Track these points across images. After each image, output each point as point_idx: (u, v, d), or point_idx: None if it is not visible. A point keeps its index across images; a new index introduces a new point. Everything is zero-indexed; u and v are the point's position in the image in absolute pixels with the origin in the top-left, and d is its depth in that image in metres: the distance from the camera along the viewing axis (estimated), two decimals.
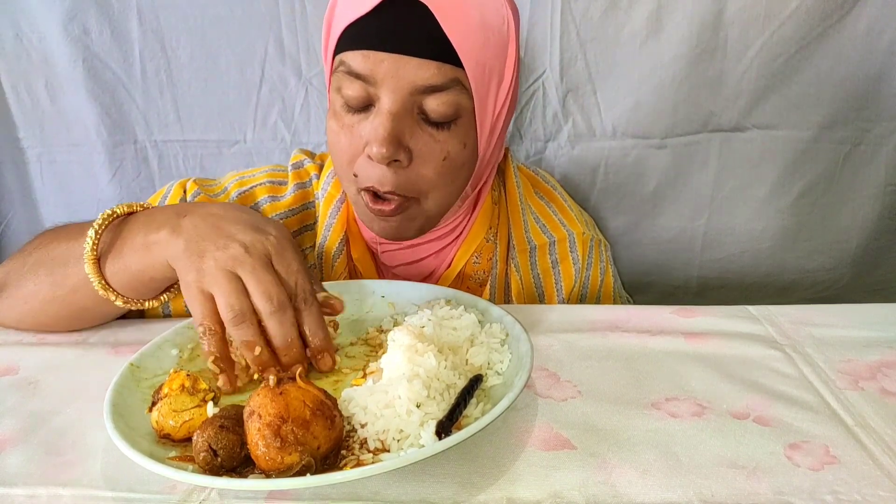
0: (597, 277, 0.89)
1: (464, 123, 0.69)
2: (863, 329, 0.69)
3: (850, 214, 1.21)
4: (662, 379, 0.61)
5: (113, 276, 0.65)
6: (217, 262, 0.58)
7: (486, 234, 0.84)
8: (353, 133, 0.69)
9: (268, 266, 0.59)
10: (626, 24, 1.09)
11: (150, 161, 1.25)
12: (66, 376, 0.65)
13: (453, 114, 0.67)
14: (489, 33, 0.67)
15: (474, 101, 0.68)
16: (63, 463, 0.52)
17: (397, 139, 0.66)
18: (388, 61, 0.65)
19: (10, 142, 1.24)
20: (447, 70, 0.65)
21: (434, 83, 0.65)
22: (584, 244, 0.86)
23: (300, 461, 0.46)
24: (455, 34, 0.64)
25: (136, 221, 0.66)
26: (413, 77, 0.65)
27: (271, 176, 0.86)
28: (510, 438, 0.53)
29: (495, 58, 0.69)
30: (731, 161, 1.17)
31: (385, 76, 0.65)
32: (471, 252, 0.83)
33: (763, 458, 0.50)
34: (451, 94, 0.66)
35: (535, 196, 0.90)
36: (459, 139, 0.69)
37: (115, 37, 1.16)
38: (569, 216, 0.89)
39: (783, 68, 1.09)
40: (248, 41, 1.15)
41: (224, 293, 0.57)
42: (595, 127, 1.16)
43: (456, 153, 0.69)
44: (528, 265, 0.85)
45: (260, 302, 0.57)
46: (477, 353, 0.59)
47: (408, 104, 0.66)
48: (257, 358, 0.58)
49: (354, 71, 0.66)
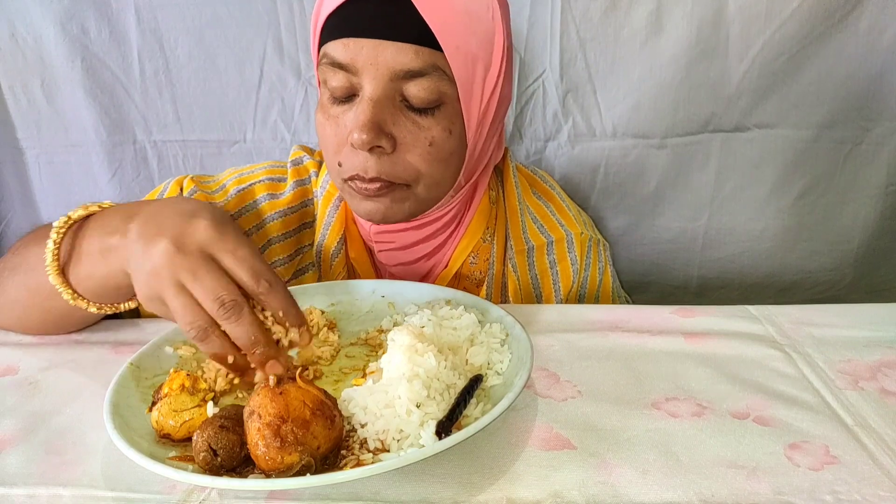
0: (595, 278, 0.88)
1: (448, 110, 0.69)
2: (863, 329, 0.69)
3: (851, 214, 1.20)
4: (662, 379, 0.61)
5: (79, 285, 0.62)
6: (156, 271, 0.53)
7: (484, 234, 0.84)
8: (339, 123, 0.69)
9: (208, 262, 0.53)
10: (626, 24, 1.09)
11: (150, 161, 1.25)
12: (66, 376, 0.65)
13: (436, 99, 0.67)
14: (472, 20, 0.68)
15: (457, 87, 0.68)
16: (63, 463, 0.52)
17: (378, 125, 0.66)
18: (367, 48, 0.65)
19: (9, 142, 1.24)
20: (426, 54, 0.65)
21: (412, 67, 0.65)
22: (582, 244, 0.86)
23: (300, 461, 0.46)
24: (433, 18, 0.64)
25: (92, 227, 0.62)
26: (392, 62, 0.65)
27: (270, 173, 0.85)
28: (510, 438, 0.53)
29: (480, 45, 0.68)
30: (732, 161, 1.17)
31: (365, 63, 0.66)
32: (468, 252, 0.83)
33: (763, 458, 0.50)
34: (431, 80, 0.66)
35: (533, 196, 0.89)
36: (444, 126, 0.69)
37: (114, 36, 1.16)
38: (567, 216, 0.88)
39: (784, 68, 1.09)
40: (247, 41, 1.15)
41: (176, 311, 0.53)
42: (595, 127, 1.16)
43: (441, 140, 0.69)
44: (526, 266, 0.84)
45: (211, 308, 0.52)
46: (477, 353, 0.59)
47: (388, 90, 0.66)
48: (232, 366, 0.55)
49: (337, 61, 0.67)
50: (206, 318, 0.53)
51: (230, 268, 0.54)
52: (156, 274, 0.53)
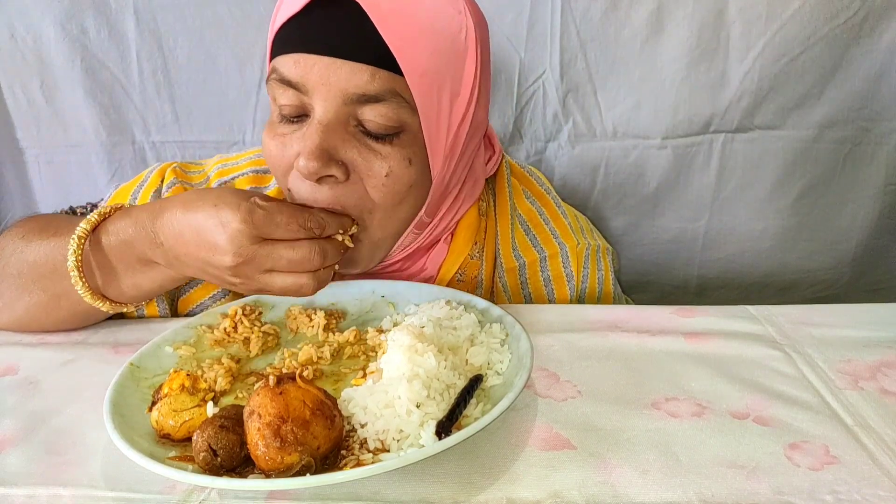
0: (594, 286, 0.83)
1: (408, 139, 0.62)
2: (863, 329, 0.69)
3: (851, 214, 1.20)
4: (662, 379, 0.61)
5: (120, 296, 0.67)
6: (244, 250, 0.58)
7: (471, 250, 0.79)
8: (286, 143, 0.63)
9: (264, 245, 0.59)
10: (626, 24, 1.09)
11: (149, 161, 1.25)
12: (66, 376, 0.65)
13: (395, 127, 0.61)
14: (439, 40, 0.61)
15: (419, 115, 0.61)
16: (63, 463, 0.52)
17: (327, 153, 0.60)
18: (318, 66, 0.59)
19: (8, 142, 1.24)
20: (384, 78, 0.59)
21: (368, 92, 0.59)
22: (578, 257, 0.80)
23: (300, 461, 0.46)
24: (394, 38, 0.58)
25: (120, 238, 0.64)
26: (345, 84, 0.59)
27: (256, 164, 0.82)
28: (510, 438, 0.53)
29: (447, 68, 0.62)
30: (732, 161, 1.17)
31: (316, 83, 0.59)
32: (454, 270, 0.78)
33: (763, 458, 0.50)
34: (389, 107, 0.60)
35: (525, 202, 0.84)
36: (403, 155, 0.62)
37: (113, 37, 1.16)
38: (561, 225, 0.83)
39: (785, 69, 1.09)
40: (247, 41, 1.15)
41: (289, 256, 0.59)
42: (595, 127, 1.16)
43: (400, 170, 0.62)
44: (518, 284, 0.80)
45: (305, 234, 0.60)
46: (477, 353, 0.59)
47: (341, 114, 0.60)
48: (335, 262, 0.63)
49: (286, 78, 0.61)
50: (310, 244, 0.60)
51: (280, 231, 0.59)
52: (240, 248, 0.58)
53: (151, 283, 0.67)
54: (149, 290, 0.68)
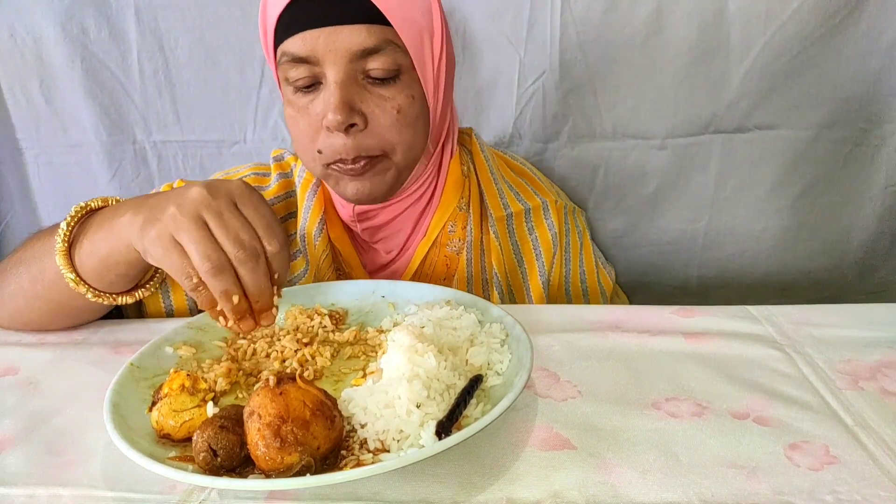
0: (576, 242, 0.92)
1: (407, 78, 0.73)
2: (863, 329, 0.69)
3: (851, 215, 1.20)
4: (662, 379, 0.61)
5: (82, 265, 0.66)
6: (180, 209, 0.58)
7: (458, 202, 0.86)
8: (309, 112, 0.72)
9: (233, 209, 0.59)
10: (626, 24, 1.09)
11: (150, 162, 1.25)
12: (66, 376, 0.65)
13: (394, 70, 0.71)
14: None
15: (411, 56, 0.72)
16: (63, 463, 0.52)
17: (349, 105, 0.69)
18: (323, 36, 0.68)
19: (8, 142, 1.24)
20: (378, 31, 0.69)
21: (367, 45, 0.69)
22: (558, 211, 0.89)
23: (300, 461, 0.46)
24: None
25: (105, 211, 0.68)
26: (348, 44, 0.68)
27: (255, 168, 0.90)
28: (510, 438, 0.53)
29: (422, 15, 0.73)
30: (732, 162, 1.17)
31: (324, 51, 0.69)
32: (444, 220, 0.86)
33: (763, 458, 0.50)
34: (387, 54, 0.70)
35: (507, 169, 0.93)
36: (406, 93, 0.73)
37: (114, 37, 1.16)
38: (540, 187, 0.92)
39: (785, 69, 1.09)
40: (248, 41, 1.15)
41: (194, 241, 0.57)
42: (595, 127, 1.16)
43: (407, 105, 0.73)
44: (507, 233, 0.88)
45: (231, 249, 0.57)
46: (477, 353, 0.59)
47: (351, 71, 0.70)
48: (236, 307, 0.58)
49: (297, 55, 0.70)
50: (223, 255, 0.57)
51: (251, 218, 0.60)
52: (179, 211, 0.58)
53: (105, 246, 0.65)
54: (101, 258, 0.66)
